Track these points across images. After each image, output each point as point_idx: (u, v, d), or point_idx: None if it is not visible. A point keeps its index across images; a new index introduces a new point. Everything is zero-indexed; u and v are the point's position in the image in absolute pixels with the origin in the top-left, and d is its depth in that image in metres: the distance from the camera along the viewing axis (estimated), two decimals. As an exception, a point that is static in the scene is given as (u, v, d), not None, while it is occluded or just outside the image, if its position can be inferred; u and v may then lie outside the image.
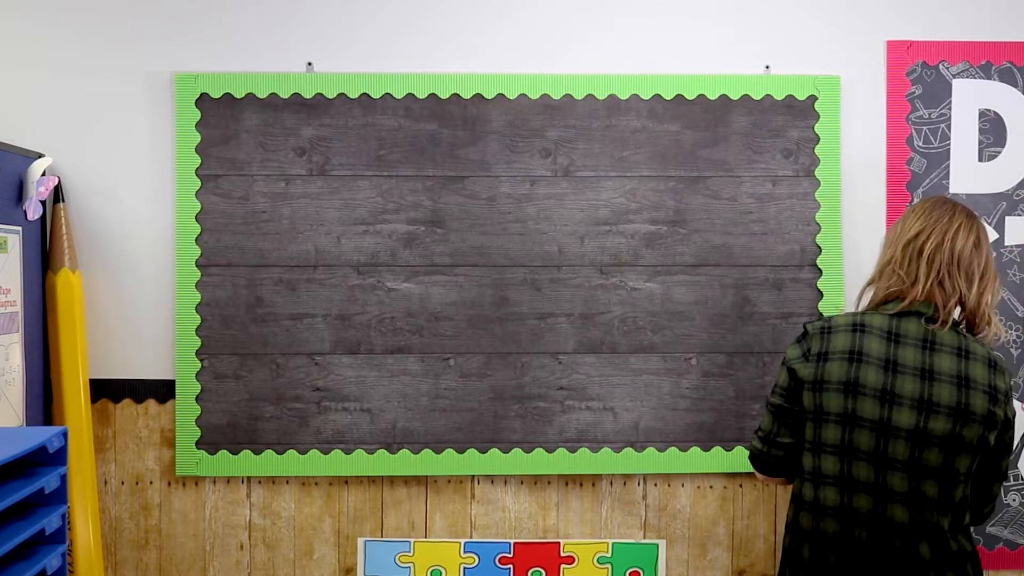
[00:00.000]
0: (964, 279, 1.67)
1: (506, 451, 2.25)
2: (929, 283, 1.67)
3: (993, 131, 2.30)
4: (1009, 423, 1.68)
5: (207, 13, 2.26)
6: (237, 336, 2.23)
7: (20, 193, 2.10)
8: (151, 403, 2.26)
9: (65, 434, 1.73)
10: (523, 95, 2.25)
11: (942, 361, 1.63)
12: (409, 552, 2.28)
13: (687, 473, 2.30)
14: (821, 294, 2.27)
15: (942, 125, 2.30)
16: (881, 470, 1.62)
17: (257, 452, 2.24)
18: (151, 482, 2.28)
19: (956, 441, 1.60)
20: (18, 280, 2.09)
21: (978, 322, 1.71)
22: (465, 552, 2.28)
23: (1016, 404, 2.27)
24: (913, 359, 1.64)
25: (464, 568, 2.28)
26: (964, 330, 1.72)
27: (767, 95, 2.27)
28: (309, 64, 2.25)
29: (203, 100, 2.23)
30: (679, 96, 2.26)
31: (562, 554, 2.29)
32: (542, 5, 2.29)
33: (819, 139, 2.27)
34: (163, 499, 2.28)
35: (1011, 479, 2.32)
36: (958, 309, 1.72)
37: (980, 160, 2.30)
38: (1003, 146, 2.30)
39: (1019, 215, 2.30)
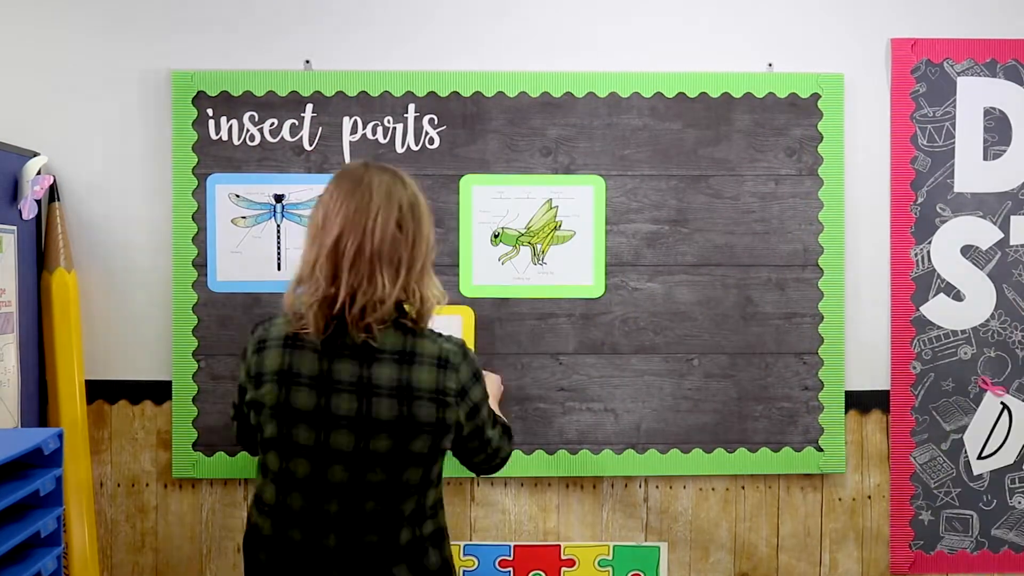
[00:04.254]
0: (390, 270, 1.44)
1: (506, 453, 2.23)
2: (356, 285, 1.42)
3: (998, 129, 2.28)
4: (475, 411, 1.53)
5: (204, 11, 2.24)
6: (234, 337, 2.21)
7: (15, 192, 2.09)
8: (147, 404, 2.24)
9: (60, 435, 1.73)
10: (523, 93, 2.23)
11: (382, 371, 1.44)
12: (408, 555, 2.26)
13: (689, 475, 2.28)
14: (823, 294, 2.25)
15: (947, 123, 2.28)
16: (318, 497, 1.46)
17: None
18: (147, 484, 2.26)
19: (402, 456, 1.45)
20: (13, 280, 2.07)
21: (423, 313, 1.49)
22: (465, 555, 2.27)
23: (1016, 399, 2.26)
24: (350, 373, 1.44)
25: (464, 571, 2.26)
26: (412, 324, 1.49)
27: (770, 93, 2.25)
28: (307, 62, 2.24)
29: (200, 98, 2.21)
30: (681, 94, 2.24)
31: (563, 557, 2.27)
32: (543, 3, 2.27)
33: (822, 137, 2.25)
34: (159, 501, 2.26)
35: (1017, 481, 2.30)
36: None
37: (985, 159, 2.28)
38: (1008, 145, 2.28)
39: (1024, 214, 2.29)
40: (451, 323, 2.22)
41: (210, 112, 2.21)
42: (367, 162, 1.53)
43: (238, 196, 2.22)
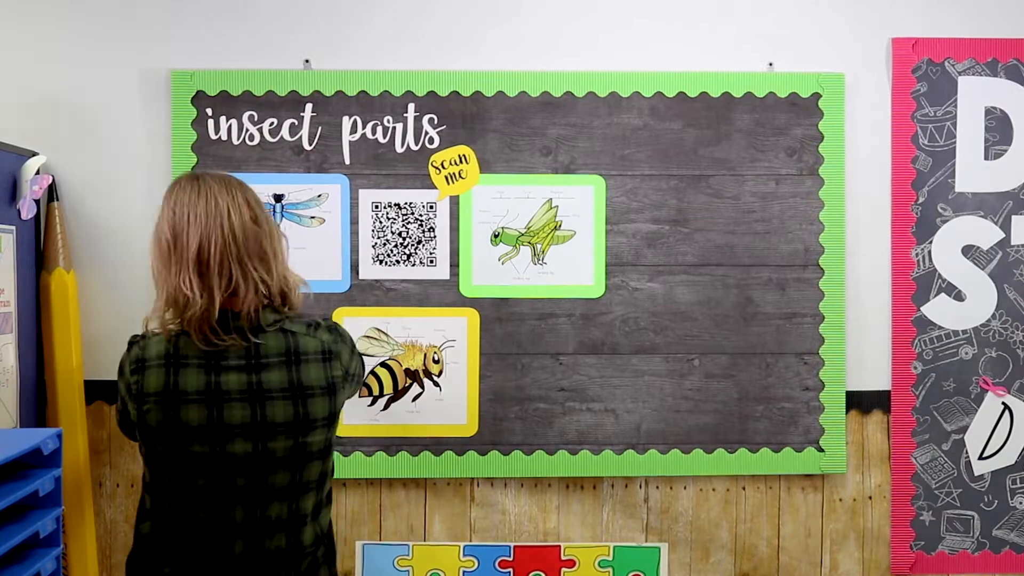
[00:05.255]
0: (260, 265, 1.46)
1: (506, 453, 2.23)
2: (231, 291, 1.43)
3: (999, 129, 2.27)
4: (357, 379, 1.58)
5: (203, 10, 2.23)
6: (234, 337, 2.21)
7: (14, 192, 2.08)
8: (147, 404, 2.24)
9: (60, 436, 1.72)
10: (523, 92, 2.23)
11: (271, 376, 1.45)
12: (408, 555, 2.25)
13: (689, 475, 2.27)
14: (824, 294, 2.25)
15: (948, 123, 2.27)
16: (222, 508, 1.45)
17: (254, 454, 2.21)
18: (147, 484, 2.25)
19: (300, 454, 1.46)
20: (11, 280, 2.07)
21: (290, 296, 1.50)
22: (464, 555, 2.26)
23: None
24: (239, 383, 1.44)
25: (463, 571, 2.26)
26: (284, 316, 1.49)
27: (770, 92, 2.24)
28: (307, 61, 2.23)
29: (199, 97, 2.20)
30: (681, 93, 2.24)
31: (563, 557, 2.27)
32: (543, 3, 2.26)
33: (823, 137, 2.25)
34: (159, 502, 2.25)
35: (1018, 481, 2.30)
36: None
37: (986, 158, 2.27)
38: (1009, 144, 2.28)
39: (1026, 214, 2.29)
40: (456, 325, 2.22)
41: (209, 112, 2.20)
42: (195, 173, 1.54)
43: (237, 196, 2.21)
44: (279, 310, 1.50)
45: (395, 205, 2.23)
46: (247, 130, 2.21)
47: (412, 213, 2.23)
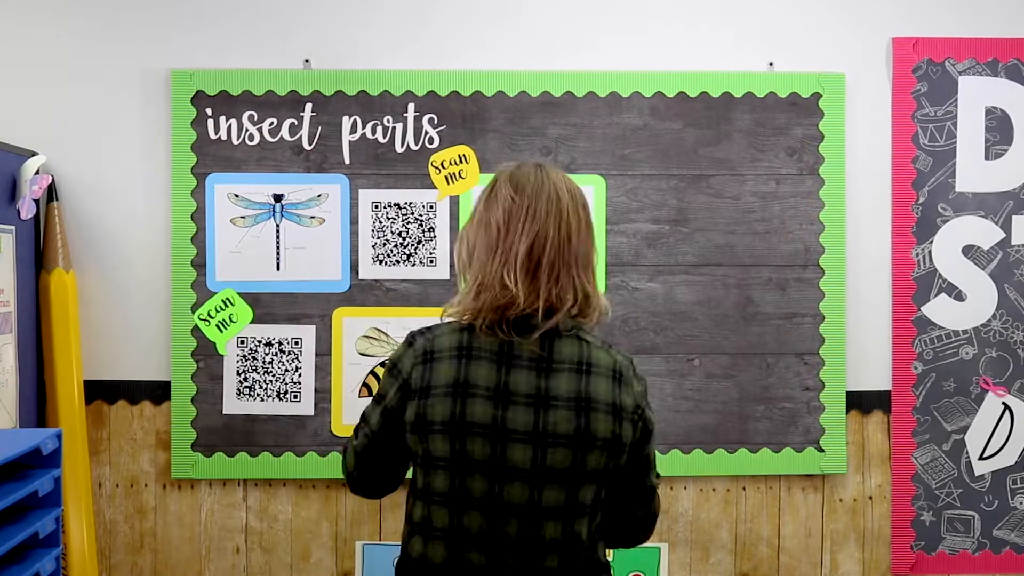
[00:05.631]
0: (583, 272, 1.38)
1: (506, 453, 2.22)
2: (546, 291, 1.35)
3: (1000, 129, 2.27)
4: (646, 438, 1.42)
5: (203, 10, 2.23)
6: (233, 337, 2.21)
7: (13, 192, 2.08)
8: (146, 405, 2.24)
9: (59, 436, 1.72)
10: (523, 92, 2.22)
11: (559, 382, 1.35)
12: (408, 556, 2.25)
13: (689, 475, 2.27)
14: (824, 294, 2.25)
15: (948, 123, 2.27)
16: (496, 519, 1.34)
17: (253, 454, 2.21)
18: (146, 485, 2.25)
19: (578, 473, 1.34)
20: (11, 280, 2.06)
21: (592, 307, 1.40)
22: (465, 556, 2.25)
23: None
24: (527, 385, 1.34)
25: (464, 572, 2.25)
26: (579, 327, 1.41)
27: (771, 92, 2.24)
28: (306, 61, 2.23)
29: (199, 97, 2.20)
30: (681, 93, 2.24)
31: (563, 558, 2.26)
32: (543, 2, 2.26)
33: (823, 137, 2.24)
34: (158, 502, 2.25)
35: (1019, 482, 2.30)
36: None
37: (987, 158, 2.27)
38: (1010, 144, 2.27)
39: (1026, 214, 2.28)
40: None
41: (209, 111, 2.20)
42: (538, 164, 1.46)
43: (237, 196, 2.21)
44: (575, 317, 1.40)
45: (395, 205, 2.23)
46: (247, 130, 2.21)
47: (412, 213, 2.23)
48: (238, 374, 2.21)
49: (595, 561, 1.44)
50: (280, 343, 2.22)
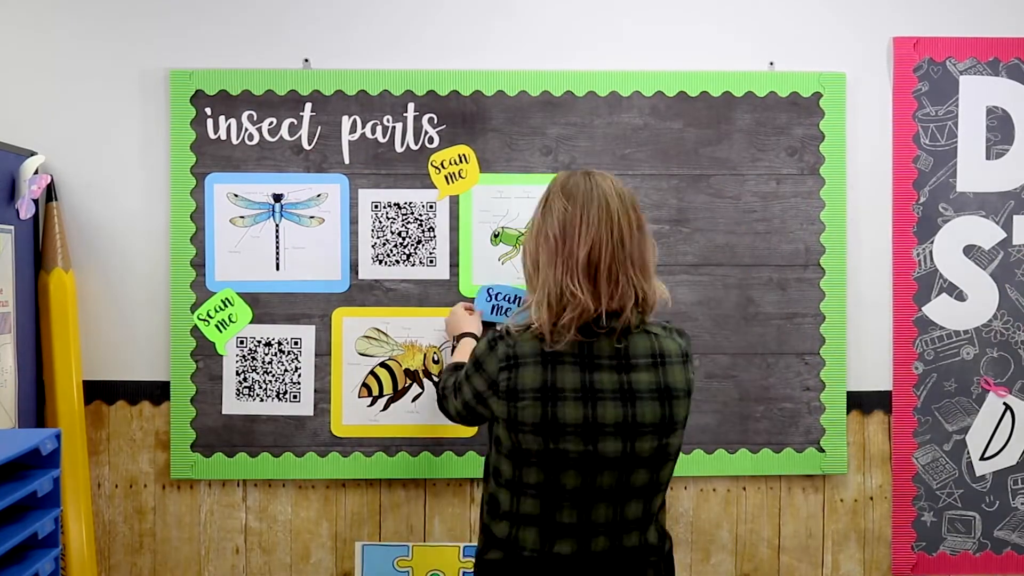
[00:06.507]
0: (640, 272, 1.49)
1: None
2: (611, 294, 1.46)
3: (1001, 128, 2.27)
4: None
5: (202, 9, 2.23)
6: (233, 337, 2.21)
7: (12, 191, 2.08)
8: (145, 405, 2.23)
9: (58, 436, 1.72)
10: (523, 92, 2.22)
11: (640, 377, 1.47)
12: (408, 556, 2.25)
13: (690, 476, 2.27)
14: (824, 294, 2.24)
15: (949, 122, 2.27)
16: (586, 506, 1.46)
17: (253, 455, 2.21)
18: (145, 485, 2.25)
19: (661, 455, 1.48)
20: (10, 280, 2.06)
21: (650, 304, 1.51)
22: (464, 556, 2.25)
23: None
24: (611, 382, 1.45)
25: (464, 572, 2.25)
26: (644, 321, 1.52)
27: (771, 92, 2.24)
28: (306, 61, 2.23)
29: (198, 97, 2.20)
30: (682, 93, 2.23)
31: (563, 558, 2.26)
32: (543, 2, 2.26)
33: (824, 137, 2.24)
34: (157, 502, 2.25)
35: (1020, 482, 2.29)
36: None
37: (987, 158, 2.27)
38: (1011, 144, 2.27)
39: (1027, 214, 2.28)
40: (451, 323, 2.21)
41: (208, 111, 2.20)
42: (586, 170, 1.54)
43: (236, 195, 2.21)
44: (641, 314, 1.52)
45: (395, 205, 2.22)
46: (246, 129, 2.20)
47: (412, 213, 2.22)
48: (237, 374, 2.21)
49: (662, 531, 1.57)
50: (279, 343, 2.21)
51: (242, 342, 2.21)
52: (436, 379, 2.19)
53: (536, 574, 1.47)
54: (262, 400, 2.21)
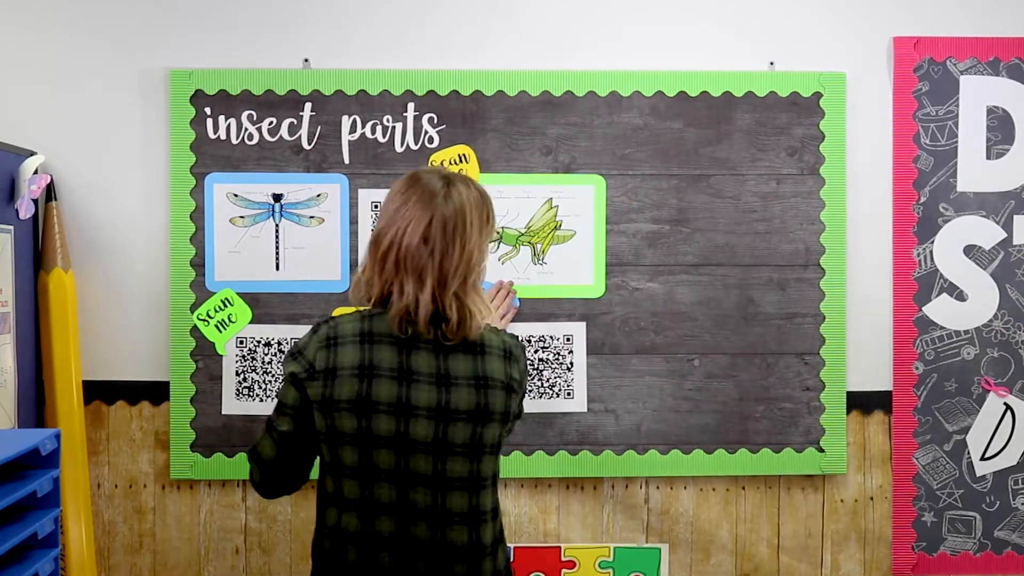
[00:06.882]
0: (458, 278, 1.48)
1: (506, 454, 2.22)
2: (431, 294, 1.46)
3: (1001, 128, 2.27)
4: (521, 404, 1.58)
5: (202, 9, 2.23)
6: (233, 337, 2.21)
7: (12, 191, 2.07)
8: (145, 405, 2.23)
9: (58, 436, 1.72)
10: (523, 92, 2.22)
11: (457, 363, 1.48)
12: (407, 556, 2.24)
13: (690, 476, 2.27)
14: (824, 294, 2.24)
15: (949, 122, 2.26)
16: (403, 489, 1.47)
17: (253, 455, 2.21)
18: (145, 485, 2.25)
19: (478, 446, 1.49)
20: (10, 280, 2.06)
21: (465, 328, 1.48)
22: (464, 556, 2.25)
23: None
24: (428, 366, 1.47)
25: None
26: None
27: (771, 92, 2.24)
28: (306, 60, 2.22)
29: (198, 97, 2.20)
30: (682, 93, 2.23)
31: (563, 559, 2.26)
32: (543, 1, 2.26)
33: (824, 137, 2.24)
34: (157, 502, 2.25)
35: (1020, 482, 2.29)
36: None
37: (988, 158, 2.27)
38: (1011, 144, 2.27)
39: (1027, 214, 2.28)
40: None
41: (208, 111, 2.20)
42: (447, 174, 1.58)
43: (236, 195, 2.21)
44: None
45: (394, 205, 2.22)
46: (246, 129, 2.20)
47: (412, 213, 2.22)
48: (237, 374, 2.21)
49: (500, 536, 1.56)
50: (279, 343, 2.21)
51: (242, 342, 2.21)
52: None
53: (360, 552, 1.48)
54: (262, 400, 2.21)
